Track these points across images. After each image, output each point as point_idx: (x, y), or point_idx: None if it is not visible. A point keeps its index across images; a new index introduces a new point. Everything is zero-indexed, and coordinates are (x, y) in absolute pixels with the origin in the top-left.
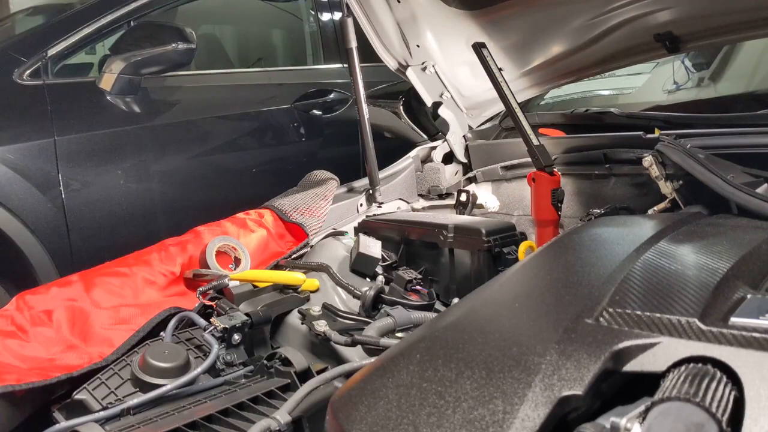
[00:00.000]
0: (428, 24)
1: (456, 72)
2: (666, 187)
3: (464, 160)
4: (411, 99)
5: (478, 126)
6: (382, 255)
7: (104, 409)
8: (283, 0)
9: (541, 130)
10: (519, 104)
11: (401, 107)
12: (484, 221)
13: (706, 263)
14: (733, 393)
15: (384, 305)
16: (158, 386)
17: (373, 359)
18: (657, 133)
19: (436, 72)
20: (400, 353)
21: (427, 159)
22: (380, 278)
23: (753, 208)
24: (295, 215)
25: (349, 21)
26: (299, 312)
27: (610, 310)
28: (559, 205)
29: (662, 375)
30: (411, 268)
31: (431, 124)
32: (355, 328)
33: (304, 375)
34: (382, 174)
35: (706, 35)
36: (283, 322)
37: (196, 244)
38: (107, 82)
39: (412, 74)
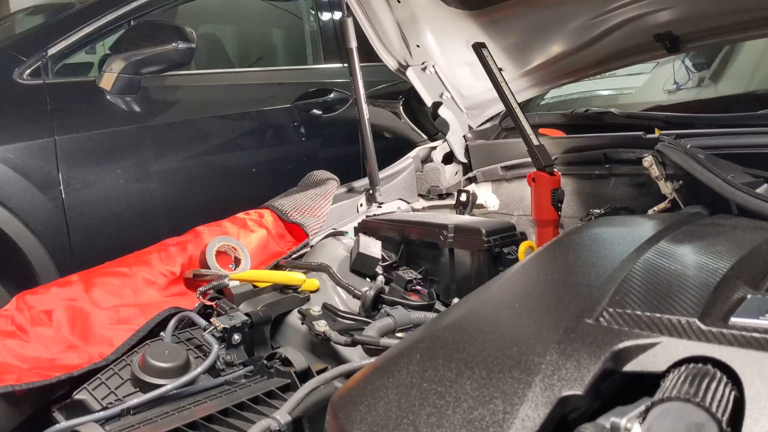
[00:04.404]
0: (428, 24)
1: (456, 72)
2: (666, 187)
3: (464, 160)
4: (411, 99)
5: (478, 126)
6: (382, 255)
7: (104, 409)
8: (283, 0)
9: (541, 130)
10: (519, 104)
11: (401, 107)
12: (484, 221)
13: (706, 263)
14: (733, 393)
15: (384, 305)
16: (158, 386)
17: (373, 359)
18: (657, 133)
19: (436, 72)
20: (400, 353)
21: (427, 159)
22: (380, 278)
23: (753, 208)
24: (295, 215)
25: (349, 21)
26: (299, 312)
27: (611, 310)
28: (559, 205)
29: (662, 375)
30: (411, 268)
31: (431, 124)
32: (355, 328)
33: (304, 375)
34: (382, 174)
35: (706, 35)
36: (283, 322)
37: (196, 244)
38: (107, 81)
39: (412, 74)
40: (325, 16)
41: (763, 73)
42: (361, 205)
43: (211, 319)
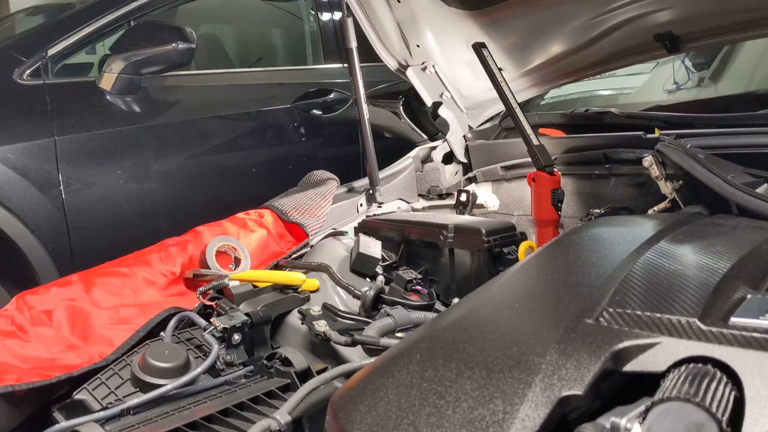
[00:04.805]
0: (428, 24)
1: (456, 72)
2: (666, 187)
3: (464, 160)
4: (411, 99)
5: (478, 126)
6: (382, 255)
7: (104, 409)
8: (283, 0)
9: (541, 130)
10: (519, 104)
11: (401, 107)
12: (484, 221)
13: (706, 263)
14: (733, 393)
15: (384, 305)
16: (158, 386)
17: (373, 359)
18: (657, 133)
19: (436, 72)
20: (400, 353)
21: (427, 159)
22: (380, 278)
23: (753, 208)
24: (295, 215)
25: (349, 21)
26: (299, 312)
27: (611, 310)
28: (559, 205)
29: (662, 375)
30: (411, 268)
31: (431, 124)
32: (355, 328)
33: (304, 375)
34: (382, 174)
35: (706, 35)
36: (283, 322)
37: (196, 244)
38: (107, 81)
39: (412, 74)
40: (325, 16)
41: (763, 73)
42: (361, 205)
43: (211, 319)
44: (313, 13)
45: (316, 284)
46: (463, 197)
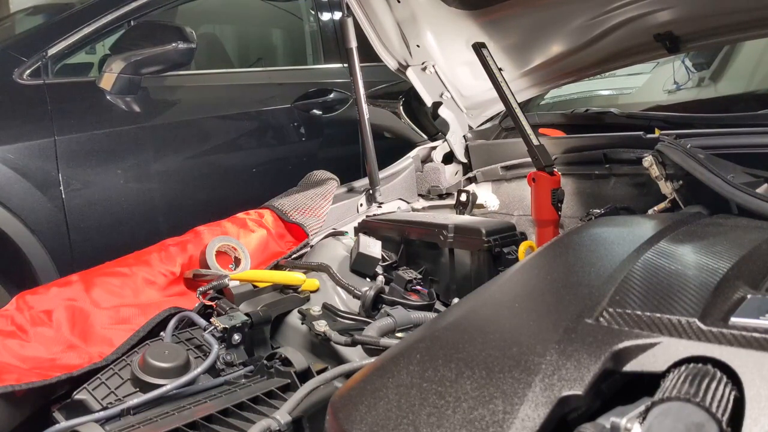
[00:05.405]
0: (428, 24)
1: (456, 72)
2: (666, 187)
3: (464, 160)
4: (411, 99)
5: (478, 126)
6: (382, 255)
7: (104, 409)
8: (283, 0)
9: (541, 130)
10: (519, 104)
11: (401, 107)
12: (484, 221)
13: (706, 263)
14: (733, 393)
15: (384, 305)
16: (158, 386)
17: (373, 359)
18: (657, 133)
19: (436, 72)
20: (400, 353)
21: (427, 159)
22: (380, 278)
23: (753, 208)
24: (295, 215)
25: (349, 21)
26: (299, 312)
27: (611, 310)
28: (559, 205)
29: (662, 375)
30: (411, 268)
31: (431, 124)
32: (355, 328)
33: (304, 375)
34: (382, 174)
35: (706, 35)
36: (283, 322)
37: (196, 244)
38: (107, 81)
39: (412, 74)
40: (325, 16)
41: (763, 73)
42: (361, 205)
43: (211, 319)
44: (313, 13)
45: (316, 284)
46: (463, 197)
